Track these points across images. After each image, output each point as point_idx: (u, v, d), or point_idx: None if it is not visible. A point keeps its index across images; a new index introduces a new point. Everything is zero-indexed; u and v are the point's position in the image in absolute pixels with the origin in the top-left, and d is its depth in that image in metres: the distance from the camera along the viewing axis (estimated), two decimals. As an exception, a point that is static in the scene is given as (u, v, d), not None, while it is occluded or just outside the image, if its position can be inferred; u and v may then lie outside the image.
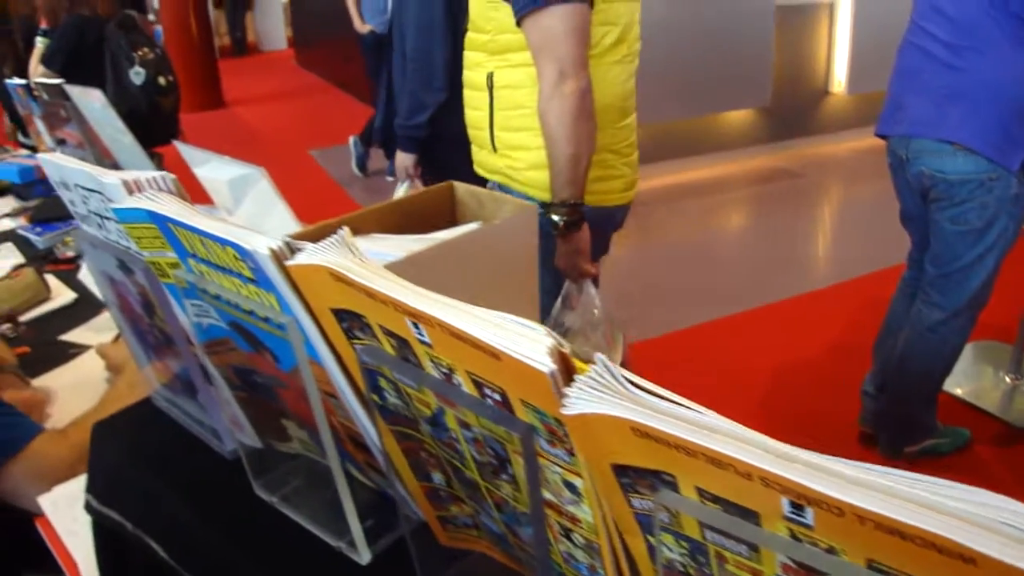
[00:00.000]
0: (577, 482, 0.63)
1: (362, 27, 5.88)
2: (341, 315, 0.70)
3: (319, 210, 1.91)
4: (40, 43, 3.77)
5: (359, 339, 0.71)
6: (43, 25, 3.87)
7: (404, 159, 2.98)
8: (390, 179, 6.11)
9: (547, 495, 0.66)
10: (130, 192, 0.86)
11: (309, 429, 0.95)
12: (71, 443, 1.40)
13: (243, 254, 0.72)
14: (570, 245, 1.96)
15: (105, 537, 1.21)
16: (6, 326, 2.19)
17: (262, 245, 0.69)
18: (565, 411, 0.53)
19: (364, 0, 5.84)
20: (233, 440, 1.07)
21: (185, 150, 1.89)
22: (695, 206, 5.71)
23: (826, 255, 5.09)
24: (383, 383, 0.71)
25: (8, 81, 3.41)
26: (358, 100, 8.90)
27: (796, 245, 5.13)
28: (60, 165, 0.98)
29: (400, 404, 0.73)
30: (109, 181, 0.87)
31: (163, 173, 0.87)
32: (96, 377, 1.84)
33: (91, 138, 3.02)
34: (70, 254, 2.58)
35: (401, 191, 2.84)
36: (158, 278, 0.91)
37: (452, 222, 1.84)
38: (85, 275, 2.40)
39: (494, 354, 0.57)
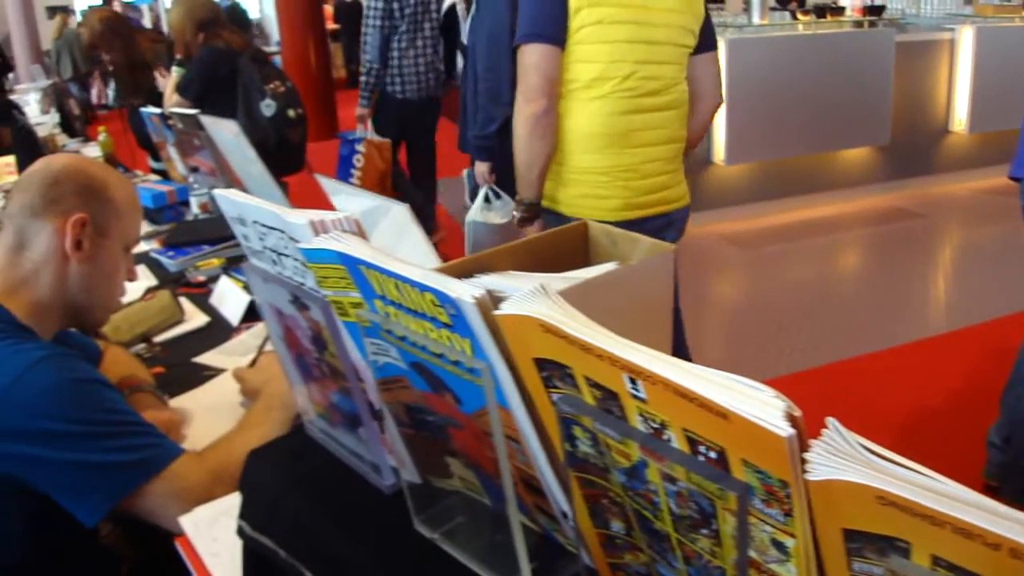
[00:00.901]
0: (788, 542, 0.62)
1: None
2: (543, 364, 0.70)
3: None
4: (175, 72, 3.92)
5: (557, 388, 0.71)
6: (177, 55, 4.03)
7: (480, 167, 3.41)
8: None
9: (751, 553, 0.65)
10: (316, 233, 0.87)
11: (476, 469, 0.96)
12: (208, 466, 1.43)
13: (444, 300, 0.73)
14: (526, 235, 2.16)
15: (255, 563, 1.22)
16: (141, 346, 2.25)
17: (466, 293, 0.70)
18: (809, 477, 0.52)
19: None
20: (392, 475, 1.08)
21: (324, 182, 1.94)
22: (812, 245, 5.62)
23: (947, 299, 4.94)
24: (578, 432, 0.71)
25: (143, 109, 3.55)
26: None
27: (915, 288, 4.99)
28: (237, 201, 1.01)
29: (592, 453, 0.72)
30: (295, 221, 0.89)
31: (347, 215, 0.89)
32: (230, 401, 1.88)
33: (223, 166, 3.12)
34: (201, 278, 2.66)
35: (480, 195, 3.17)
36: (337, 316, 0.93)
37: (585, 261, 1.84)
38: (216, 299, 2.47)
39: (722, 414, 0.56)
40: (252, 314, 2.32)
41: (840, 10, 6.85)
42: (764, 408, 0.55)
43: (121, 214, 1.61)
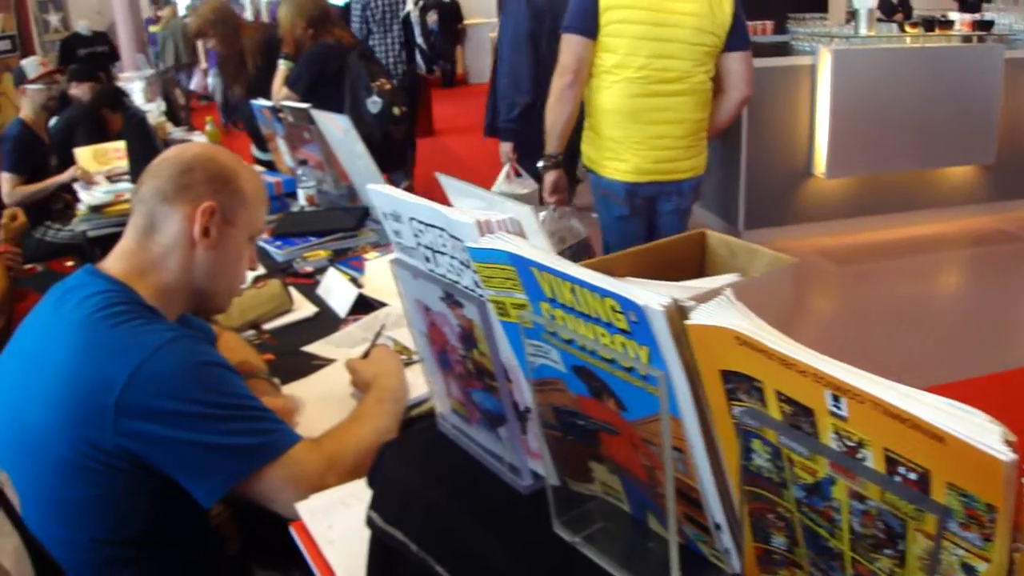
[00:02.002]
0: (980, 566, 0.61)
1: None
2: (729, 376, 0.70)
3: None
4: (283, 65, 3.99)
5: (741, 401, 0.71)
6: (285, 50, 4.10)
7: (505, 146, 4.01)
8: (595, 216, 6.15)
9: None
10: (481, 232, 0.88)
11: (623, 475, 0.95)
12: (324, 453, 1.45)
13: (627, 307, 0.72)
14: (547, 181, 3.20)
15: (382, 555, 1.24)
16: (250, 333, 2.30)
17: (653, 301, 0.70)
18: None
19: None
20: (530, 476, 1.09)
21: (444, 180, 1.95)
22: (910, 264, 5.47)
23: (1051, 327, 4.78)
24: (757, 445, 0.70)
25: (253, 102, 3.62)
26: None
27: (1018, 313, 4.83)
28: (394, 197, 1.02)
29: (769, 467, 0.72)
30: (461, 220, 0.89)
31: (511, 216, 0.89)
32: (340, 391, 1.91)
33: (331, 160, 3.17)
34: (308, 269, 2.70)
35: (503, 173, 3.71)
36: (495, 316, 0.93)
37: (700, 270, 1.82)
38: (323, 290, 2.50)
39: (937, 436, 0.55)
40: (360, 306, 2.35)
41: (949, 24, 6.67)
42: (982, 432, 0.54)
43: (248, 204, 1.65)
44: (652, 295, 0.71)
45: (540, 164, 3.19)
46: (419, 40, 6.04)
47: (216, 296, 1.67)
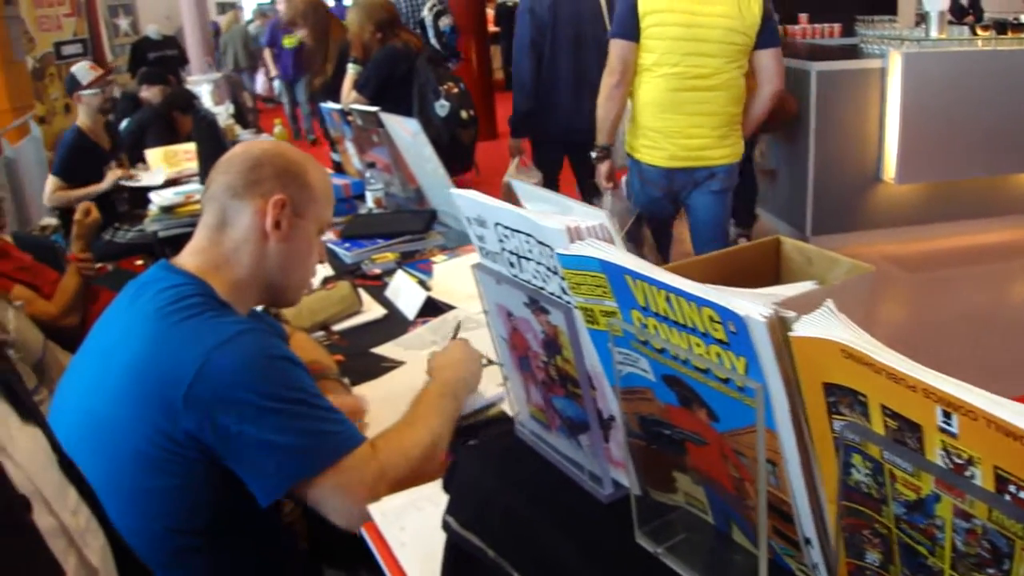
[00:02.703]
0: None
1: None
2: (832, 389, 0.69)
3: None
4: (351, 70, 4.03)
5: (842, 415, 0.69)
6: (353, 54, 4.14)
7: (512, 141, 4.27)
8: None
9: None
10: (571, 239, 0.88)
11: (708, 486, 0.94)
12: (380, 462, 1.44)
13: (727, 317, 0.72)
14: (600, 170, 3.61)
15: (457, 559, 1.24)
16: (320, 334, 2.32)
17: (755, 312, 0.69)
18: None
19: None
20: (611, 484, 1.08)
21: (517, 185, 1.96)
22: (983, 272, 5.32)
23: None
24: (857, 460, 0.69)
25: (322, 105, 3.67)
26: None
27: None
28: (480, 202, 1.02)
29: (868, 483, 0.70)
30: (551, 226, 0.89)
31: (602, 222, 0.89)
32: (410, 393, 1.91)
33: (399, 163, 3.19)
34: (377, 271, 2.72)
35: (513, 164, 4.17)
36: (583, 323, 0.93)
37: (775, 277, 1.80)
38: (392, 292, 2.52)
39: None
40: (428, 309, 2.36)
41: (1021, 26, 6.51)
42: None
43: (317, 197, 1.67)
44: (753, 305, 0.70)
45: (593, 154, 3.59)
46: (432, 42, 6.11)
47: (287, 289, 1.69)
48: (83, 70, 4.76)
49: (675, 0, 3.23)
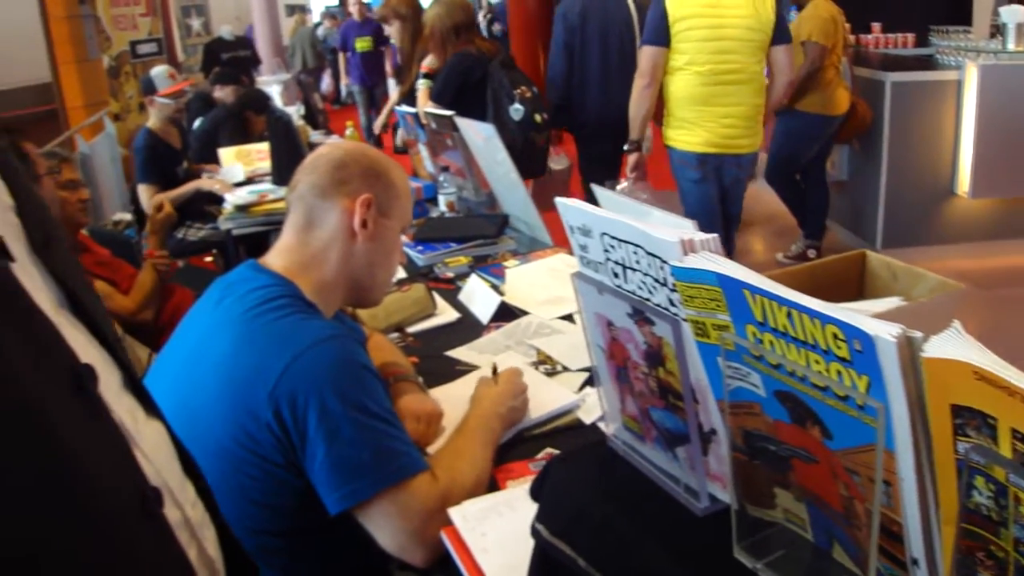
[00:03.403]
0: None
1: None
2: (959, 411, 0.68)
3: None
4: (422, 85, 4.05)
5: (968, 437, 0.69)
6: (423, 69, 4.15)
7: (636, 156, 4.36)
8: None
9: None
10: (685, 252, 0.88)
11: (812, 503, 0.94)
12: (440, 491, 1.43)
13: (853, 335, 0.71)
14: (629, 160, 3.96)
15: (545, 567, 1.24)
16: (395, 335, 2.34)
17: (884, 331, 0.68)
18: None
19: None
20: (708, 498, 1.07)
21: (599, 192, 1.95)
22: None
23: None
24: (980, 483, 0.68)
25: (398, 108, 3.70)
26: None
27: None
28: (586, 211, 1.02)
29: (989, 505, 0.69)
30: (664, 239, 0.89)
31: (713, 236, 0.88)
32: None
33: (472, 167, 3.21)
34: (449, 275, 2.74)
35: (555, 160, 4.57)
36: (692, 335, 0.93)
37: (859, 291, 1.77)
38: (465, 296, 2.53)
39: None
40: (501, 314, 2.37)
41: (1103, 40, 6.35)
42: None
43: (401, 196, 1.69)
44: (882, 324, 0.69)
45: (625, 147, 3.97)
46: None
47: (372, 289, 1.70)
48: (162, 76, 4.82)
49: (701, 6, 3.62)
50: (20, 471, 0.55)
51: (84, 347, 0.70)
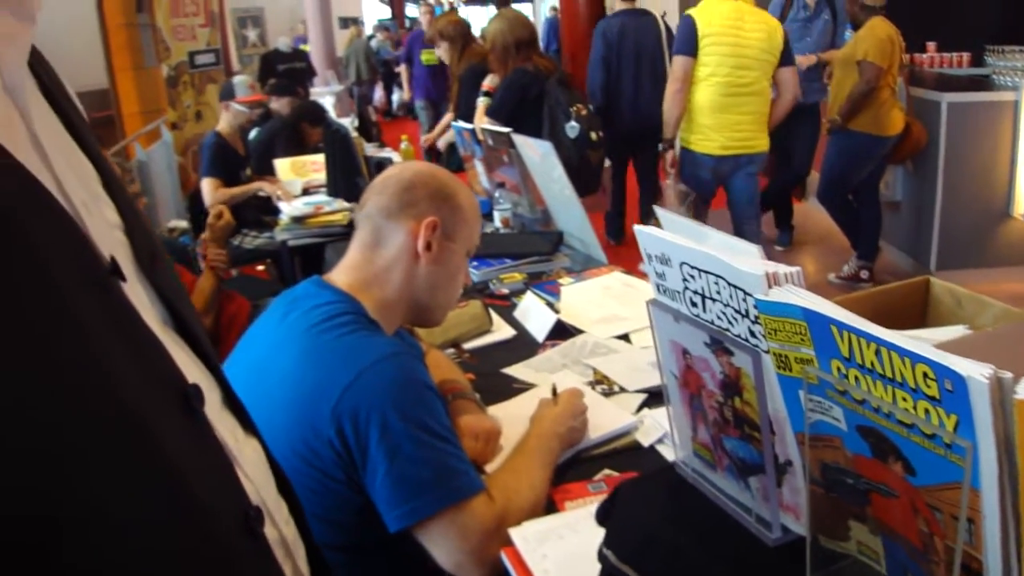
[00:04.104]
0: None
1: None
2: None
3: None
4: (481, 103, 4.10)
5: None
6: (484, 88, 4.19)
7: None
8: (779, 249, 6.06)
9: None
10: (769, 285, 0.89)
11: (888, 537, 0.94)
12: (497, 512, 1.44)
13: (945, 375, 0.72)
14: (667, 157, 4.52)
15: (612, 591, 1.25)
16: (451, 351, 2.36)
17: (976, 372, 0.69)
18: None
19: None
20: (779, 529, 1.08)
21: (662, 214, 1.96)
22: None
23: None
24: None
25: (454, 123, 3.73)
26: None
27: None
28: (666, 241, 1.03)
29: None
30: (749, 271, 0.90)
31: (797, 269, 0.89)
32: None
33: (528, 184, 3.23)
34: (504, 291, 2.75)
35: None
36: (773, 368, 0.93)
37: (922, 318, 1.76)
38: (521, 313, 2.54)
39: None
40: (556, 331, 2.38)
41: None
42: None
43: (467, 220, 1.70)
44: (974, 365, 0.70)
45: (660, 146, 4.55)
46: None
47: (434, 309, 1.72)
48: (243, 85, 4.95)
49: (725, 26, 4.21)
50: (128, 490, 0.56)
51: (188, 366, 0.70)
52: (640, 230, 1.11)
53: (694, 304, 1.05)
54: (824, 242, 6.16)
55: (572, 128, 3.78)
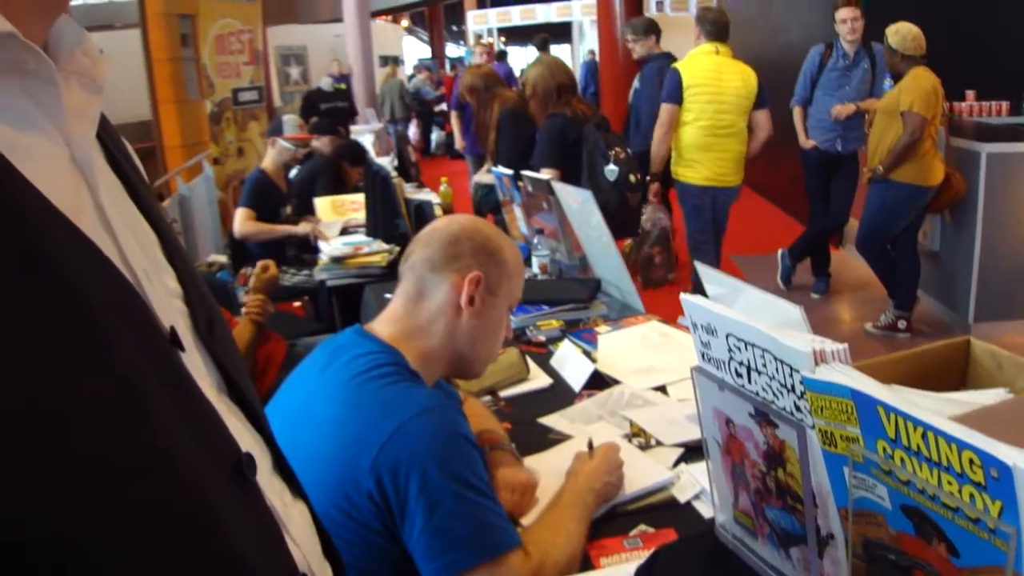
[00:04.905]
0: None
1: (806, 143, 5.89)
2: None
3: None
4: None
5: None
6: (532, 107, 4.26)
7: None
8: (815, 296, 6.03)
9: None
10: (816, 362, 0.90)
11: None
12: (533, 565, 1.44)
13: (991, 464, 0.73)
14: (652, 188, 5.25)
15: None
16: (487, 398, 2.36)
17: (1022, 461, 0.70)
18: None
19: (811, 116, 5.87)
20: (819, 598, 1.08)
21: (702, 269, 1.98)
22: None
23: None
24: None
25: (493, 169, 3.77)
26: (784, 212, 8.79)
27: None
28: (713, 312, 1.05)
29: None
30: (796, 348, 0.92)
31: (844, 346, 0.91)
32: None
33: (567, 230, 3.25)
34: (541, 338, 2.76)
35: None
36: (819, 443, 0.95)
37: (962, 379, 1.75)
38: (557, 361, 2.55)
39: None
40: (593, 381, 2.39)
41: None
42: None
43: (511, 275, 1.72)
44: (1020, 454, 0.71)
45: (648, 177, 5.04)
46: None
47: (474, 362, 1.74)
48: (291, 123, 5.01)
49: (707, 77, 4.91)
50: (183, 562, 0.57)
51: (241, 432, 0.72)
52: (686, 300, 1.13)
53: (739, 375, 1.06)
54: (861, 290, 6.12)
55: (611, 172, 3.82)
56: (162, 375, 0.60)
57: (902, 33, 4.91)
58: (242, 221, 4.75)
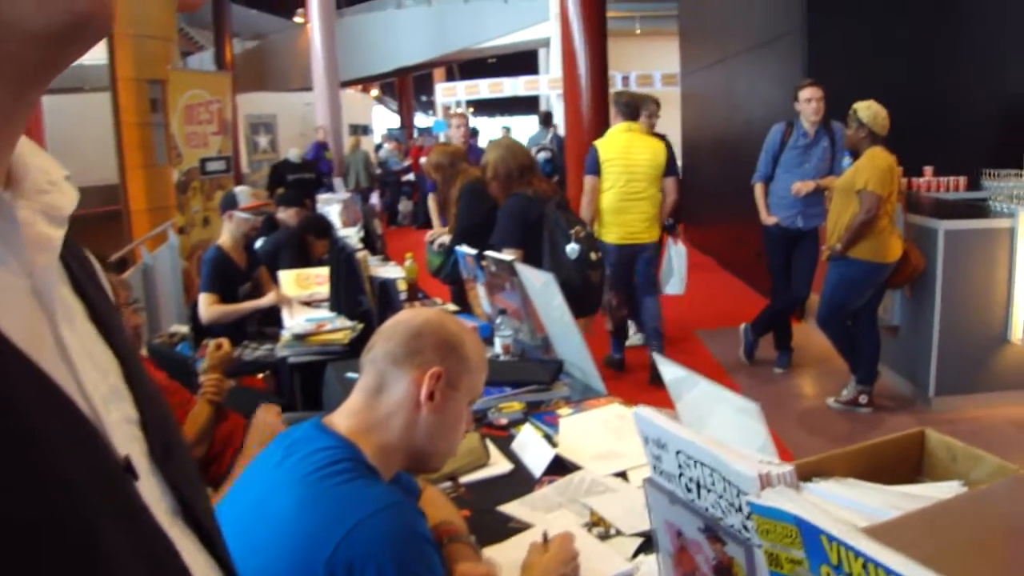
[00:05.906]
0: None
1: (768, 219, 5.99)
2: None
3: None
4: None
5: None
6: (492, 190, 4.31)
7: None
8: (777, 371, 6.07)
9: None
10: (762, 486, 0.90)
11: None
12: None
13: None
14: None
15: None
16: (447, 484, 2.34)
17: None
18: None
19: (772, 194, 5.97)
20: None
21: (660, 362, 1.98)
22: None
23: None
24: None
25: (458, 248, 3.79)
26: (748, 286, 8.89)
27: None
28: (663, 428, 1.05)
29: None
30: (743, 471, 0.92)
31: (790, 469, 0.91)
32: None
33: (529, 311, 3.26)
34: (503, 421, 2.74)
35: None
36: (766, 565, 0.94)
37: (917, 470, 1.76)
38: (518, 445, 2.53)
39: None
40: (555, 466, 2.37)
41: None
42: None
43: (472, 370, 1.71)
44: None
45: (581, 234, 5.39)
46: None
47: (433, 456, 1.72)
48: (245, 194, 4.86)
49: (619, 151, 5.73)
50: None
51: (194, 556, 0.71)
52: (638, 415, 1.13)
53: (689, 490, 1.06)
54: (823, 364, 6.17)
55: (573, 250, 3.86)
56: (115, 503, 0.60)
57: (874, 110, 5.04)
58: (206, 307, 4.67)
